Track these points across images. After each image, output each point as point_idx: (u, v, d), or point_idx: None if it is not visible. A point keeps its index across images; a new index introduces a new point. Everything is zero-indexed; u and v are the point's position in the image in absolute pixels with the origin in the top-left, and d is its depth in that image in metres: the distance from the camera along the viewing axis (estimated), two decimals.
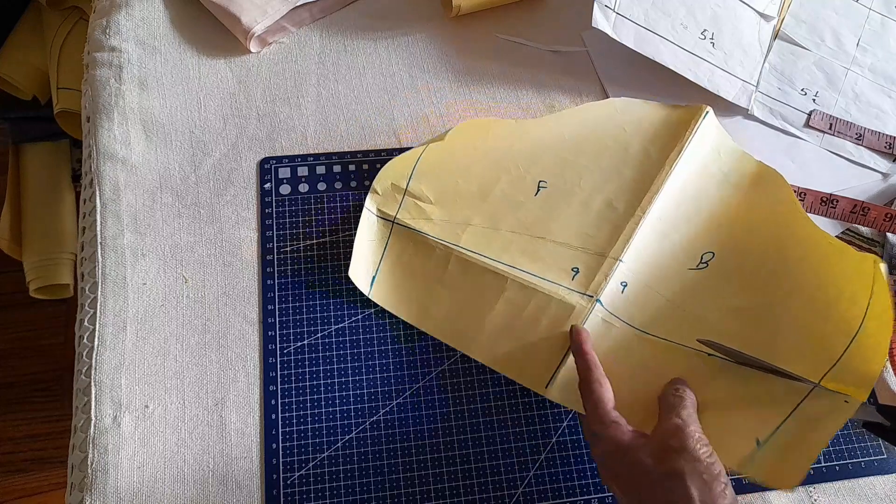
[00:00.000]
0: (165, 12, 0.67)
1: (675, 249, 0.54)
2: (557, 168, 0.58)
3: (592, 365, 0.49)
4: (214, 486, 0.49)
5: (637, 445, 0.44)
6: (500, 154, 0.58)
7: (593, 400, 0.47)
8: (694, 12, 0.66)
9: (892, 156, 0.66)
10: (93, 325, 0.53)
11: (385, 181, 0.57)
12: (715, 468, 0.42)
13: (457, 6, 0.68)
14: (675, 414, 0.45)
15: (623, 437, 0.45)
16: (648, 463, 0.43)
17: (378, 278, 0.55)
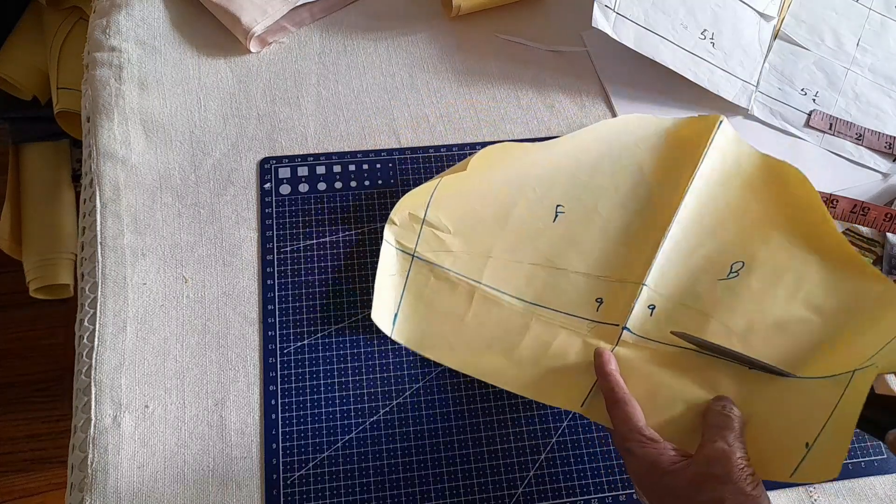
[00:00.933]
0: (165, 12, 0.67)
1: (704, 264, 0.53)
2: (574, 191, 0.56)
3: (615, 385, 0.47)
4: (214, 486, 0.49)
5: (676, 469, 0.41)
6: (517, 178, 0.57)
7: (621, 416, 0.45)
8: (694, 12, 0.66)
9: (892, 156, 0.66)
10: (93, 325, 0.53)
11: (402, 211, 0.55)
12: (760, 501, 0.39)
13: (457, 6, 0.68)
14: (720, 437, 0.43)
15: (661, 458, 0.42)
16: (687, 490, 0.40)
17: (400, 317, 0.54)
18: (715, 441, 0.42)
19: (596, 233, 0.55)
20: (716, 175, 0.56)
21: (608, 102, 0.67)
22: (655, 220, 0.54)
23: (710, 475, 0.40)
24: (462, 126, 0.64)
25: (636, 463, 0.43)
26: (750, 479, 0.40)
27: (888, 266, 0.60)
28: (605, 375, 0.48)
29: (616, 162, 0.57)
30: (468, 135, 0.64)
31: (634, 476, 0.44)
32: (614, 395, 0.47)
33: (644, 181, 0.56)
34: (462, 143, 0.63)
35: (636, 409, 0.46)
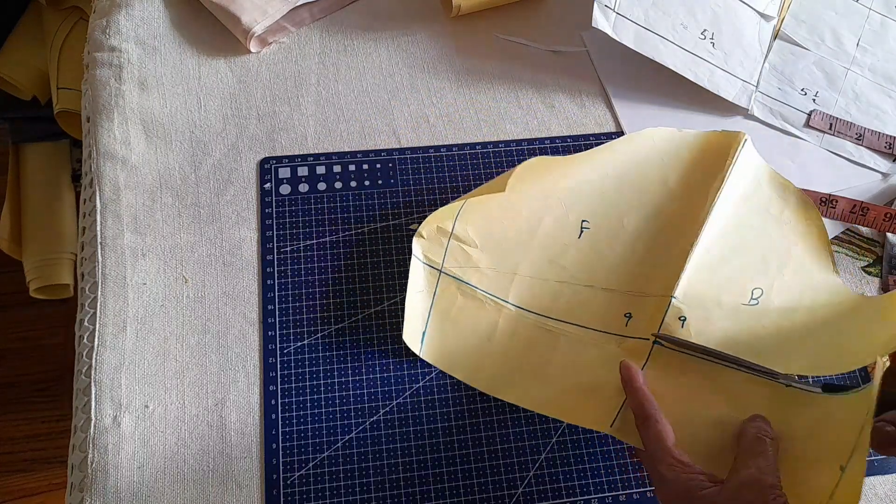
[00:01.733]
0: (165, 12, 0.67)
1: (728, 284, 0.53)
2: (600, 206, 0.56)
3: (646, 400, 0.46)
4: (214, 486, 0.49)
5: (707, 496, 0.40)
6: (542, 193, 0.56)
7: (653, 437, 0.44)
8: (694, 12, 0.66)
9: (892, 156, 0.66)
10: (93, 325, 0.53)
11: (430, 224, 0.54)
12: None
13: (457, 6, 0.68)
14: (753, 464, 0.41)
15: (691, 483, 0.41)
16: None
17: (427, 335, 0.53)
18: (749, 468, 0.41)
19: (622, 248, 0.55)
20: (738, 194, 0.55)
21: (608, 102, 0.67)
22: (682, 234, 0.54)
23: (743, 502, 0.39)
24: (462, 126, 0.64)
25: (667, 488, 0.42)
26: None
27: (888, 266, 0.60)
28: (633, 391, 0.47)
29: (642, 176, 0.56)
30: (468, 135, 0.64)
31: (666, 499, 0.43)
32: (644, 412, 0.46)
33: (669, 196, 0.56)
34: (462, 143, 0.63)
35: (667, 427, 0.45)
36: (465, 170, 0.62)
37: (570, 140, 0.64)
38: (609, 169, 0.57)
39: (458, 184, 0.61)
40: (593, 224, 0.56)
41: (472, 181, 0.61)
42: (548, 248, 0.55)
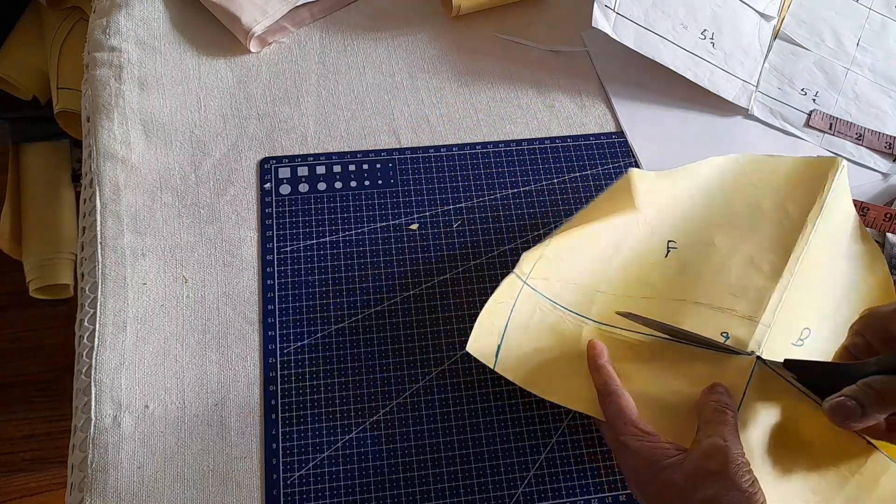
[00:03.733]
0: (165, 12, 0.67)
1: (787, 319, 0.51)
2: (687, 226, 0.54)
3: (609, 377, 0.47)
4: (214, 486, 0.49)
5: (671, 464, 0.41)
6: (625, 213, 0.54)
7: (615, 409, 0.45)
8: (694, 12, 0.66)
9: (892, 156, 0.66)
10: (93, 325, 0.53)
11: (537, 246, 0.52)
12: (758, 498, 0.38)
13: (457, 6, 0.68)
14: (715, 432, 0.42)
15: (657, 451, 0.42)
16: (683, 486, 0.39)
17: (503, 349, 0.50)
18: (710, 436, 0.42)
19: (715, 267, 0.53)
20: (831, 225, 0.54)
21: (608, 102, 0.67)
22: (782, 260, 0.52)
23: (706, 471, 0.40)
24: (462, 126, 0.64)
25: (632, 458, 0.43)
26: (747, 475, 0.39)
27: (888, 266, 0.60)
28: (597, 368, 0.48)
29: (730, 199, 0.55)
30: (468, 135, 0.64)
31: (630, 472, 0.44)
32: (607, 388, 0.46)
33: (764, 219, 0.54)
34: (462, 143, 0.63)
35: (630, 402, 0.46)
36: (465, 170, 0.62)
37: (570, 140, 0.64)
38: (695, 192, 0.56)
39: (458, 184, 0.61)
40: (681, 244, 0.54)
41: (472, 181, 0.61)
42: (631, 267, 0.53)
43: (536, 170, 0.62)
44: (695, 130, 0.66)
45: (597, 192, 0.61)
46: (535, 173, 0.62)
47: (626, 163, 0.63)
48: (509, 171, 0.62)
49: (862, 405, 0.40)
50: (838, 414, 0.40)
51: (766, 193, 0.56)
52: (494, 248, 0.58)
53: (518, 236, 0.59)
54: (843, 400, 0.40)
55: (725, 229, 0.54)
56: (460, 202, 0.60)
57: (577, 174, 0.62)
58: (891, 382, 0.40)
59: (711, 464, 0.40)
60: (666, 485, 0.40)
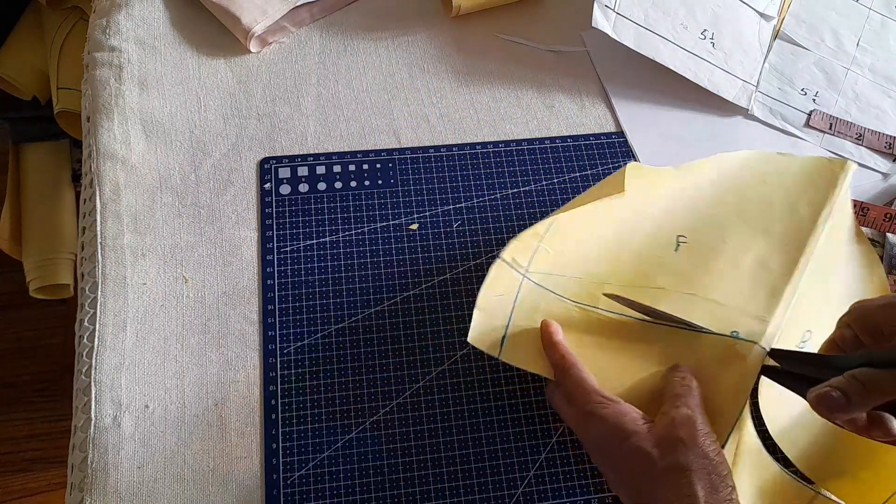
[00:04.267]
0: (165, 12, 0.67)
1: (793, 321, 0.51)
2: (696, 223, 0.54)
3: (566, 352, 0.47)
4: (214, 486, 0.49)
5: (640, 431, 0.41)
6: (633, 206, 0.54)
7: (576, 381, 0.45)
8: (694, 12, 0.67)
9: (892, 156, 0.66)
10: (93, 325, 0.53)
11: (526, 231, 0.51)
12: (723, 468, 0.39)
13: (457, 6, 0.68)
14: (683, 404, 0.43)
15: (625, 418, 0.42)
16: (651, 453, 0.40)
17: (509, 340, 0.49)
18: (678, 407, 0.42)
19: (724, 264, 0.53)
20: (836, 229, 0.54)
21: (608, 102, 0.67)
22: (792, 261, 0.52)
23: (674, 438, 0.40)
24: (462, 126, 0.64)
25: (599, 425, 0.43)
26: (713, 444, 0.40)
27: (888, 266, 0.60)
28: (553, 345, 0.48)
29: (741, 195, 0.55)
30: (468, 135, 0.64)
31: (595, 442, 0.44)
32: (566, 362, 0.46)
33: (774, 218, 0.54)
34: (462, 143, 0.63)
35: (589, 374, 0.46)
36: (465, 170, 0.62)
37: (570, 140, 0.64)
38: (703, 187, 0.55)
39: (458, 184, 0.61)
40: (691, 239, 0.54)
41: (472, 181, 0.61)
42: (640, 261, 0.53)
43: (536, 170, 0.62)
44: (695, 130, 0.66)
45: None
46: (535, 173, 0.62)
47: (626, 163, 0.63)
48: (509, 171, 0.62)
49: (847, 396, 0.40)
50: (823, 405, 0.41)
51: (777, 192, 0.56)
52: (494, 248, 0.58)
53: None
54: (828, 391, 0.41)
55: (736, 226, 0.54)
56: (460, 202, 0.60)
57: (577, 174, 0.62)
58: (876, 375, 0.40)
59: (681, 431, 0.41)
60: (633, 451, 0.41)
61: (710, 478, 0.39)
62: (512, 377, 0.54)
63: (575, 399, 0.45)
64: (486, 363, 0.54)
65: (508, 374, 0.54)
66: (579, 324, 0.50)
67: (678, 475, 0.39)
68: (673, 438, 0.40)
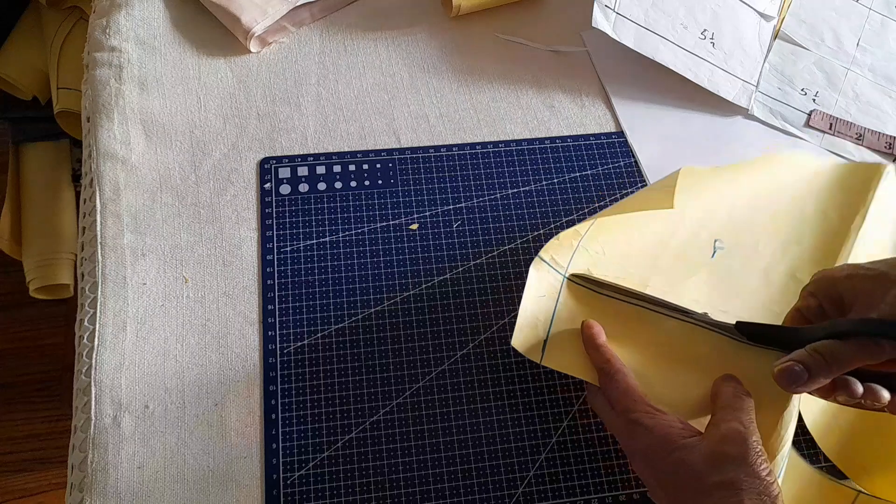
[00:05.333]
0: (165, 12, 0.67)
1: None
2: (732, 226, 0.54)
3: (611, 356, 0.46)
4: (214, 486, 0.49)
5: (688, 444, 0.40)
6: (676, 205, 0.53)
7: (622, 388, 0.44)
8: (694, 12, 0.66)
9: (892, 156, 0.66)
10: (93, 325, 0.53)
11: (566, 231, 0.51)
12: (774, 489, 0.38)
13: (457, 6, 0.68)
14: (734, 418, 0.41)
15: (672, 430, 0.41)
16: (700, 467, 0.39)
17: (550, 342, 0.49)
18: (729, 421, 0.41)
19: (758, 276, 0.52)
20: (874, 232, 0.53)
21: (608, 102, 0.67)
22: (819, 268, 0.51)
23: (725, 455, 0.39)
24: (462, 126, 0.64)
25: (646, 435, 0.41)
26: (765, 463, 0.39)
27: None
28: (597, 348, 0.47)
29: (775, 201, 0.55)
30: (468, 135, 0.64)
31: (641, 451, 0.42)
32: (612, 366, 0.45)
33: (806, 226, 0.54)
34: (462, 143, 0.63)
35: (635, 381, 0.45)
36: (465, 170, 0.62)
37: (570, 140, 0.64)
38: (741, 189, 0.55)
39: (458, 184, 0.61)
40: (728, 246, 0.54)
41: (472, 181, 0.61)
42: (680, 265, 0.53)
43: (536, 170, 0.62)
44: (695, 130, 0.66)
45: (597, 192, 0.61)
46: (535, 173, 0.62)
47: (625, 163, 0.63)
48: (509, 171, 0.62)
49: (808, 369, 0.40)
50: (785, 378, 0.41)
51: (810, 197, 0.55)
52: (494, 248, 0.58)
53: (518, 236, 0.59)
54: (791, 365, 0.41)
55: (770, 232, 0.54)
56: (460, 202, 0.60)
57: (577, 174, 0.62)
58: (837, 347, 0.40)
59: (731, 448, 0.39)
60: (681, 464, 0.39)
61: (762, 499, 0.37)
62: (512, 377, 0.54)
63: (620, 406, 0.44)
64: (487, 363, 0.54)
65: (508, 374, 0.54)
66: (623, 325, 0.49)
67: (727, 493, 0.37)
68: (723, 455, 0.39)
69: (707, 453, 0.39)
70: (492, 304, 0.56)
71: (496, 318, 0.55)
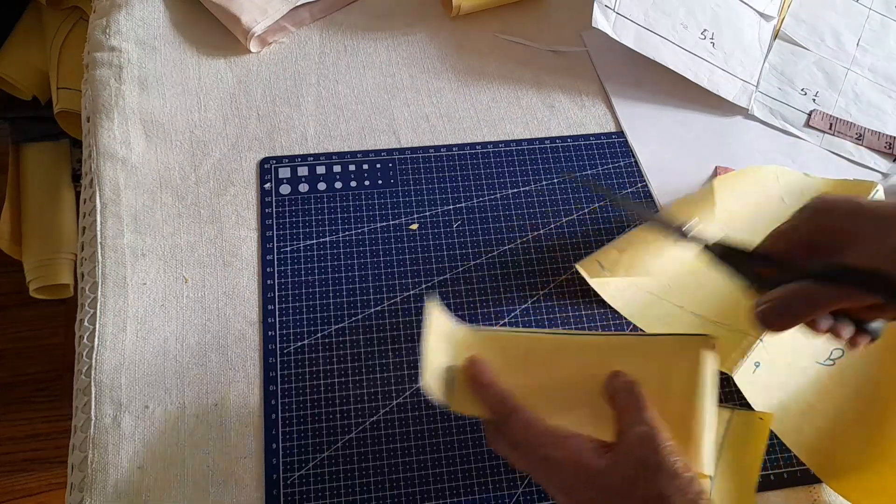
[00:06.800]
0: (165, 12, 0.67)
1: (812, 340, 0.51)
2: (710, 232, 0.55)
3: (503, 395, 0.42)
4: (214, 486, 0.49)
5: (604, 469, 0.38)
6: None
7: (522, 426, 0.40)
8: (694, 12, 0.66)
9: (892, 156, 0.66)
10: (93, 325, 0.52)
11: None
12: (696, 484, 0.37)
13: (457, 6, 0.68)
14: (637, 417, 0.39)
15: (583, 457, 0.39)
16: (623, 488, 0.37)
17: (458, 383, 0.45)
18: (635, 424, 0.39)
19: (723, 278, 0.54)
20: None
21: (608, 102, 0.67)
22: None
23: (642, 466, 0.37)
24: (462, 126, 0.64)
25: (559, 470, 0.39)
26: (679, 461, 0.38)
27: None
28: (485, 387, 0.43)
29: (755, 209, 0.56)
30: (468, 135, 0.64)
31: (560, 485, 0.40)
32: (506, 406, 0.42)
33: None
34: (462, 143, 0.63)
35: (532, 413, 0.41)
36: (465, 170, 0.62)
37: (570, 140, 0.64)
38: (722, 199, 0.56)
39: (458, 184, 0.61)
40: None
41: (472, 181, 0.61)
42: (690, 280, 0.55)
43: (536, 170, 0.62)
44: (695, 130, 0.66)
45: (597, 192, 0.61)
46: (535, 173, 0.62)
47: (625, 163, 0.63)
48: (509, 171, 0.62)
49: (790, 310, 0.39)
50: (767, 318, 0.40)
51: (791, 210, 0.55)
52: (494, 248, 0.58)
53: (518, 236, 0.59)
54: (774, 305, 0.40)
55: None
56: (460, 202, 0.60)
57: (577, 174, 0.62)
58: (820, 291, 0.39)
59: (644, 456, 0.38)
60: (605, 488, 0.38)
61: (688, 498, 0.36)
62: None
63: (524, 445, 0.41)
64: None
65: None
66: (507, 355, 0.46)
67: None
68: (640, 467, 0.37)
69: (624, 471, 0.38)
70: (492, 304, 0.56)
71: (496, 317, 0.55)
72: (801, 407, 0.51)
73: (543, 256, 0.58)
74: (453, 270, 0.57)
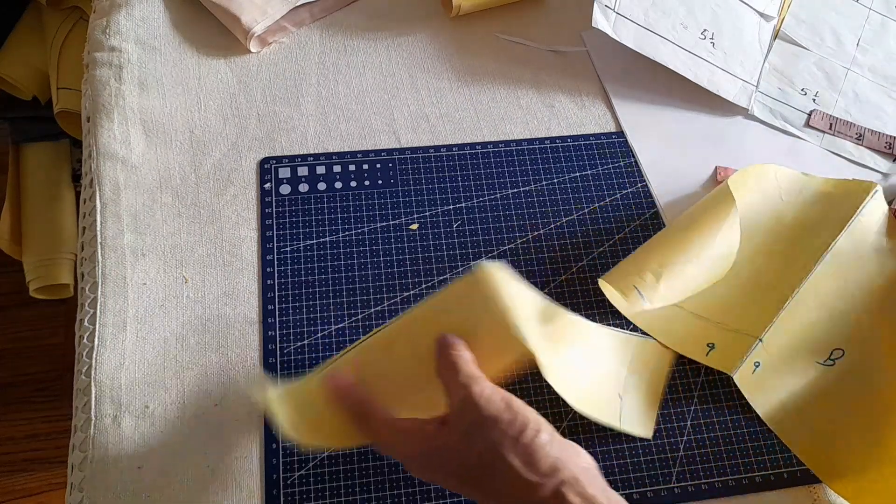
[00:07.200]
0: (165, 12, 0.67)
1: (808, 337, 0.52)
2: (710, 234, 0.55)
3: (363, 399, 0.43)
4: (214, 486, 0.49)
5: (443, 431, 0.40)
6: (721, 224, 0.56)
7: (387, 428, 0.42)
8: (694, 12, 0.66)
9: (892, 156, 0.66)
10: (93, 325, 0.53)
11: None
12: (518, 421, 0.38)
13: (457, 6, 0.68)
14: (453, 380, 0.40)
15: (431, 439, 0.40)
16: (467, 452, 0.38)
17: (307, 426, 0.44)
18: (453, 392, 0.40)
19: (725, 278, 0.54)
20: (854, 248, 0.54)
21: (608, 102, 0.67)
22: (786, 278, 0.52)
23: (469, 424, 0.39)
24: (462, 126, 0.64)
25: (406, 444, 0.41)
26: (501, 403, 0.39)
27: None
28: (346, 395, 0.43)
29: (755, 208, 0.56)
30: (468, 135, 0.64)
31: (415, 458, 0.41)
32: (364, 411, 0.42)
33: (781, 234, 0.55)
34: (462, 143, 0.63)
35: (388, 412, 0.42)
36: (465, 170, 0.62)
37: (570, 140, 0.64)
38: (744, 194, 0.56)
39: (458, 184, 0.61)
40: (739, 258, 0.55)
41: (472, 181, 0.61)
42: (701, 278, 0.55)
43: (536, 170, 0.62)
44: (695, 130, 0.66)
45: (597, 192, 0.61)
46: (535, 173, 0.62)
47: (626, 163, 0.63)
48: (509, 171, 0.62)
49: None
50: None
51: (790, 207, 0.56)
52: (494, 248, 0.58)
53: (518, 236, 0.59)
54: None
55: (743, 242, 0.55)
56: (460, 202, 0.60)
57: (577, 174, 0.62)
58: None
59: (470, 419, 0.39)
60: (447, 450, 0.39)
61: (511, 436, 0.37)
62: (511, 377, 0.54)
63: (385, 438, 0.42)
64: None
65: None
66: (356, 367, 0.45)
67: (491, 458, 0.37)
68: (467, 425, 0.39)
69: (457, 436, 0.39)
70: None
71: None
72: (801, 407, 0.51)
73: (543, 257, 0.58)
74: (453, 270, 0.57)
